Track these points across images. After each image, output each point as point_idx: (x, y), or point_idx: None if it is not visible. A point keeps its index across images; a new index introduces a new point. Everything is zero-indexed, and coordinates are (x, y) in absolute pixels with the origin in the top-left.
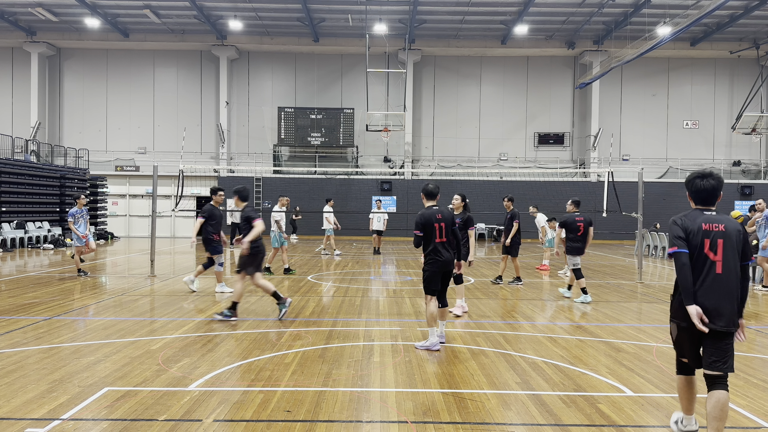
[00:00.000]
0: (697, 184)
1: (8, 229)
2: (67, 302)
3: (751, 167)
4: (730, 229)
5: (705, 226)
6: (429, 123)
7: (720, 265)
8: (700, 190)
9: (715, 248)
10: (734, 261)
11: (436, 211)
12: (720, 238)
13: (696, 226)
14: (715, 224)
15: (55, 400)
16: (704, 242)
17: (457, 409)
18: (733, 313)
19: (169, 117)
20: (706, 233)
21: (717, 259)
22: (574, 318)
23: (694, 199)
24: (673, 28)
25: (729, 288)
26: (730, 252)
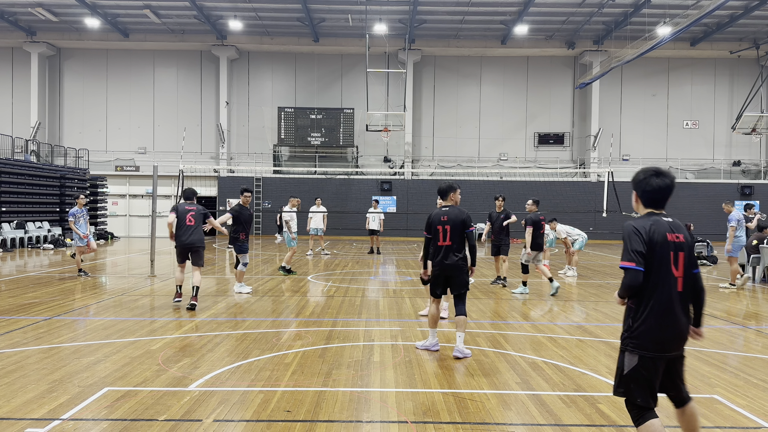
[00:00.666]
0: (653, 183)
1: (8, 229)
2: (67, 302)
3: (751, 167)
4: (686, 237)
5: (670, 237)
6: (429, 123)
7: (681, 282)
8: (657, 189)
9: (678, 263)
10: (690, 274)
11: (443, 212)
12: (681, 251)
13: (662, 237)
14: (677, 234)
15: (55, 400)
16: (670, 256)
17: (457, 409)
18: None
19: (169, 117)
20: (672, 245)
21: (679, 275)
22: (575, 318)
23: (645, 201)
24: (673, 28)
25: (688, 305)
26: (688, 265)
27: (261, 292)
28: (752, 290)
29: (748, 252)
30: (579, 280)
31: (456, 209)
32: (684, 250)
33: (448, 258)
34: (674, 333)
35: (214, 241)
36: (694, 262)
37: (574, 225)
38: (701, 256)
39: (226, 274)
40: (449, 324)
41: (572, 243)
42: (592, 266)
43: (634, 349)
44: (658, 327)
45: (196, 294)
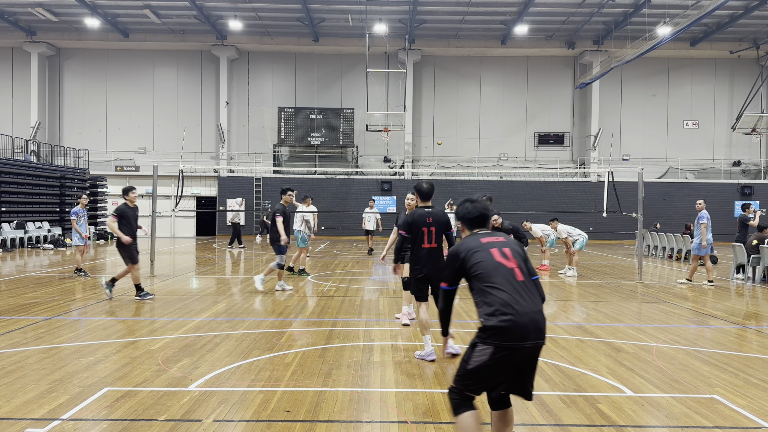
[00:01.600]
0: (467, 206)
1: (8, 229)
2: (67, 302)
3: (751, 167)
4: (510, 240)
5: (484, 240)
6: (429, 123)
7: (519, 272)
8: (473, 216)
9: (505, 255)
10: (527, 266)
11: (428, 213)
12: (506, 247)
13: (476, 242)
14: (492, 238)
15: (55, 400)
16: (492, 252)
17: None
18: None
19: (169, 117)
20: (490, 244)
21: (512, 266)
22: (575, 318)
23: (469, 226)
24: (673, 28)
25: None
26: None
27: (261, 292)
28: (752, 290)
29: (748, 252)
30: (579, 280)
31: (438, 210)
32: (509, 246)
33: (434, 261)
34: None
35: (214, 241)
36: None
37: (575, 225)
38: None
39: (226, 275)
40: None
41: (573, 243)
42: (592, 266)
43: (486, 340)
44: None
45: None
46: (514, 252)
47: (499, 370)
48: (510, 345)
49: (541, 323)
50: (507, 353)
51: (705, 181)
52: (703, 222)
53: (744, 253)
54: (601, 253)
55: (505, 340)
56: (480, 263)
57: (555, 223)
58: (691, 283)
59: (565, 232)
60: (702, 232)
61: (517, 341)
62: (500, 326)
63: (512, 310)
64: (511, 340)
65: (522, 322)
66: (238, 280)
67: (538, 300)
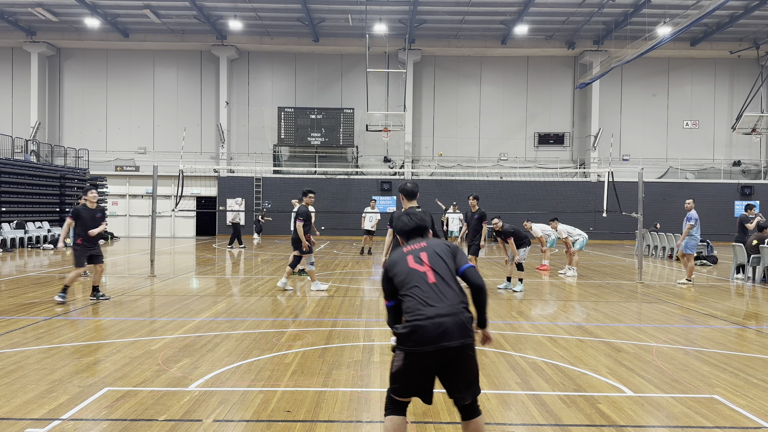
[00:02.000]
0: (403, 219)
1: (8, 229)
2: (67, 302)
3: (751, 167)
4: (432, 241)
5: (406, 249)
6: (429, 123)
7: (431, 274)
8: (409, 229)
9: (420, 261)
10: (444, 267)
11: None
12: (423, 252)
13: (399, 253)
14: (415, 245)
15: (55, 400)
16: (408, 259)
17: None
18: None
19: (169, 117)
20: (408, 252)
21: (425, 270)
22: (575, 318)
23: (405, 238)
24: (673, 28)
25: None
26: (436, 259)
27: (261, 292)
28: (752, 290)
29: (748, 252)
30: (579, 280)
31: (424, 211)
32: (426, 251)
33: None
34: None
35: (214, 242)
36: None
37: (575, 225)
38: (701, 255)
39: (226, 275)
40: None
41: (573, 243)
42: (592, 266)
43: (400, 346)
44: None
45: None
46: (432, 255)
47: (414, 375)
48: (413, 350)
49: (451, 325)
50: (414, 359)
51: (705, 181)
52: (691, 222)
53: (744, 253)
54: (601, 253)
55: (408, 346)
56: (397, 273)
57: (555, 223)
58: (691, 283)
59: (565, 232)
60: (686, 231)
61: (419, 346)
62: (404, 332)
63: (417, 316)
64: (414, 345)
65: (425, 327)
66: (238, 280)
67: (453, 300)
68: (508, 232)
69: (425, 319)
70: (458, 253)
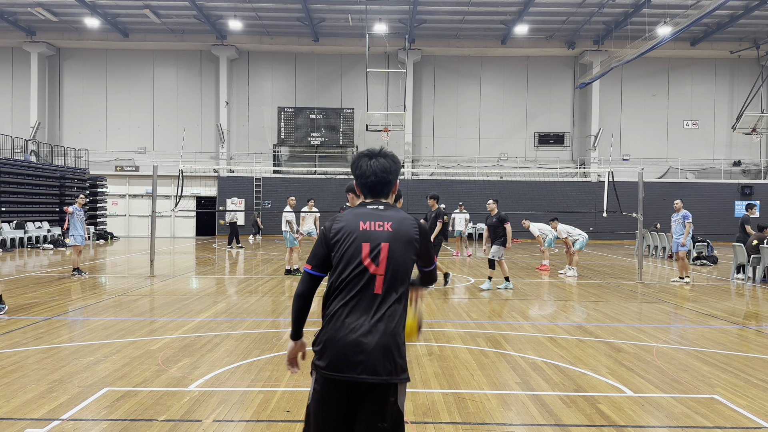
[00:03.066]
0: (362, 166)
1: (8, 229)
2: (67, 302)
3: (752, 167)
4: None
5: (364, 225)
6: (429, 123)
7: (380, 282)
8: (364, 174)
9: (377, 257)
10: (400, 276)
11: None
12: (385, 242)
13: (355, 223)
14: (378, 222)
15: (55, 400)
16: (363, 247)
17: (457, 410)
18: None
19: (168, 117)
20: (366, 235)
21: (378, 272)
22: (575, 318)
23: (361, 189)
24: (674, 28)
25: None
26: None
27: (261, 292)
28: (752, 290)
29: (749, 252)
30: (579, 280)
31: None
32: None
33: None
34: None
35: (214, 241)
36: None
37: (575, 225)
38: (701, 256)
39: (225, 275)
40: (452, 324)
41: (573, 243)
42: (592, 266)
43: (314, 365)
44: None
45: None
46: (392, 252)
47: (328, 411)
48: (330, 376)
49: (376, 355)
50: (329, 389)
51: (705, 181)
52: (689, 221)
53: (744, 253)
54: (601, 253)
55: (326, 369)
56: (342, 257)
57: (555, 223)
58: (690, 281)
59: (564, 232)
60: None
61: (336, 372)
62: (320, 349)
63: (343, 331)
64: (328, 369)
65: (345, 345)
66: (237, 280)
67: (390, 321)
68: (501, 218)
69: (348, 336)
70: (428, 248)
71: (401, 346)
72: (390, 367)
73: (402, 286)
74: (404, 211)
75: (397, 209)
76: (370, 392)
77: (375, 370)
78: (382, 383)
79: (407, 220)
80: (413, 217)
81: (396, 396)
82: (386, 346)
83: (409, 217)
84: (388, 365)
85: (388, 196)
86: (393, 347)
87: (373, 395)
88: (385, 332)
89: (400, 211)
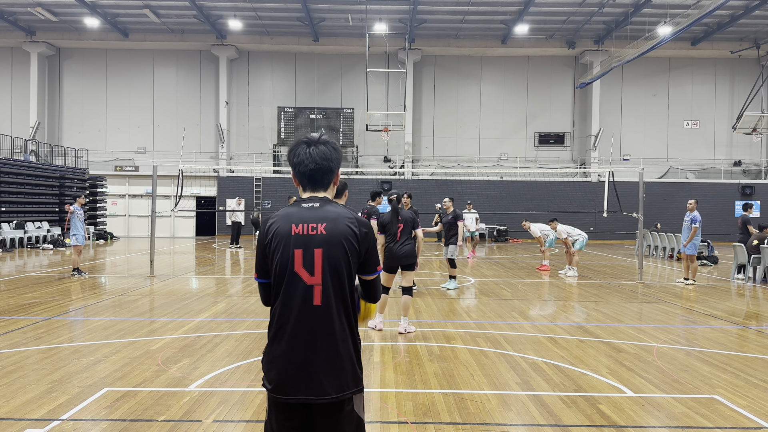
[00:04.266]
0: (300, 154)
1: (8, 229)
2: (66, 302)
3: (752, 167)
4: (336, 231)
5: (297, 228)
6: (429, 123)
7: (318, 292)
8: (302, 162)
9: (312, 266)
10: (341, 284)
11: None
12: (318, 248)
13: (287, 226)
14: (312, 224)
15: (55, 401)
16: (295, 254)
17: (457, 410)
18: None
19: (168, 117)
20: (299, 240)
21: (315, 282)
22: (575, 318)
23: (299, 179)
24: (674, 27)
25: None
26: (335, 268)
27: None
28: (753, 290)
29: (749, 252)
30: (579, 280)
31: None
32: (323, 246)
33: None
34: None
35: (214, 242)
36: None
37: (575, 225)
38: (702, 256)
39: (225, 275)
40: (452, 324)
41: (572, 243)
42: (592, 266)
43: (264, 385)
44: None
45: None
46: (328, 257)
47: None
48: (279, 399)
49: (323, 374)
50: (282, 410)
51: (705, 181)
52: (696, 225)
53: (744, 253)
54: (601, 253)
55: (274, 391)
56: (276, 266)
57: (555, 224)
58: (695, 283)
59: (564, 232)
60: (692, 234)
61: (284, 395)
62: (267, 369)
63: (286, 350)
64: (275, 392)
65: (290, 366)
66: (237, 280)
67: (332, 336)
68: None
69: (292, 351)
70: (371, 250)
71: (352, 356)
72: (340, 383)
73: (345, 294)
74: (345, 207)
75: (335, 205)
76: (325, 409)
77: (323, 390)
78: (334, 401)
79: (343, 217)
80: (352, 212)
81: (352, 405)
82: (332, 363)
83: (347, 213)
84: (337, 382)
85: (329, 186)
86: (340, 362)
87: (328, 410)
88: (330, 347)
89: (338, 207)
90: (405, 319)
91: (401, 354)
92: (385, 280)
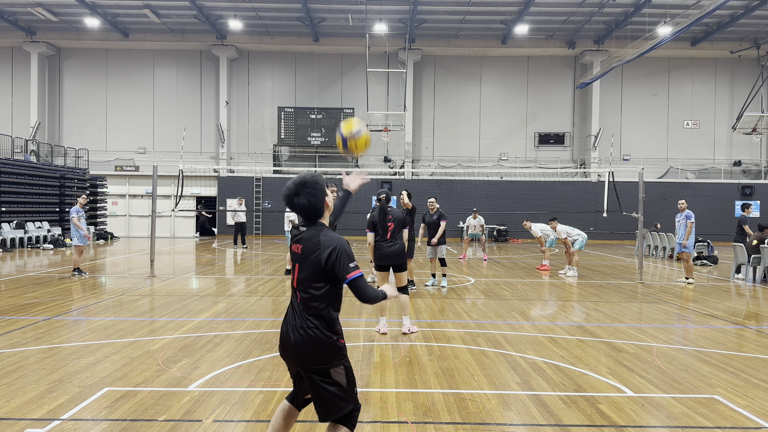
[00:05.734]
0: (289, 205)
1: (8, 229)
2: (67, 302)
3: (752, 167)
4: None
5: (294, 247)
6: (429, 123)
7: (298, 295)
8: (295, 210)
9: (294, 276)
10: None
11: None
12: (297, 262)
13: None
14: (297, 245)
15: (55, 401)
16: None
17: (457, 410)
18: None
19: (168, 117)
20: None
21: (296, 287)
22: (575, 318)
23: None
24: (674, 27)
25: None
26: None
27: (261, 292)
28: (752, 290)
29: (749, 252)
30: (579, 280)
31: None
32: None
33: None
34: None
35: (214, 241)
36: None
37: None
38: (701, 256)
39: (226, 275)
40: (452, 324)
41: (572, 243)
42: (592, 266)
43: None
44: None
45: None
46: (301, 270)
47: (288, 367)
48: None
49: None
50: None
51: (705, 181)
52: (691, 221)
53: (744, 253)
54: (601, 253)
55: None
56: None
57: (554, 223)
58: (693, 282)
59: (564, 232)
60: (688, 230)
61: (281, 352)
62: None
63: (284, 323)
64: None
65: (282, 334)
66: (238, 280)
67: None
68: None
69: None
70: (334, 265)
71: (320, 347)
72: (305, 360)
73: (314, 301)
74: (322, 229)
75: (316, 228)
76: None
77: (296, 359)
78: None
79: (313, 239)
80: (323, 233)
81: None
82: (299, 349)
83: (317, 235)
84: (302, 359)
85: (321, 217)
86: (306, 352)
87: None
88: (301, 335)
89: (314, 230)
90: (407, 318)
91: (401, 354)
92: (379, 279)
